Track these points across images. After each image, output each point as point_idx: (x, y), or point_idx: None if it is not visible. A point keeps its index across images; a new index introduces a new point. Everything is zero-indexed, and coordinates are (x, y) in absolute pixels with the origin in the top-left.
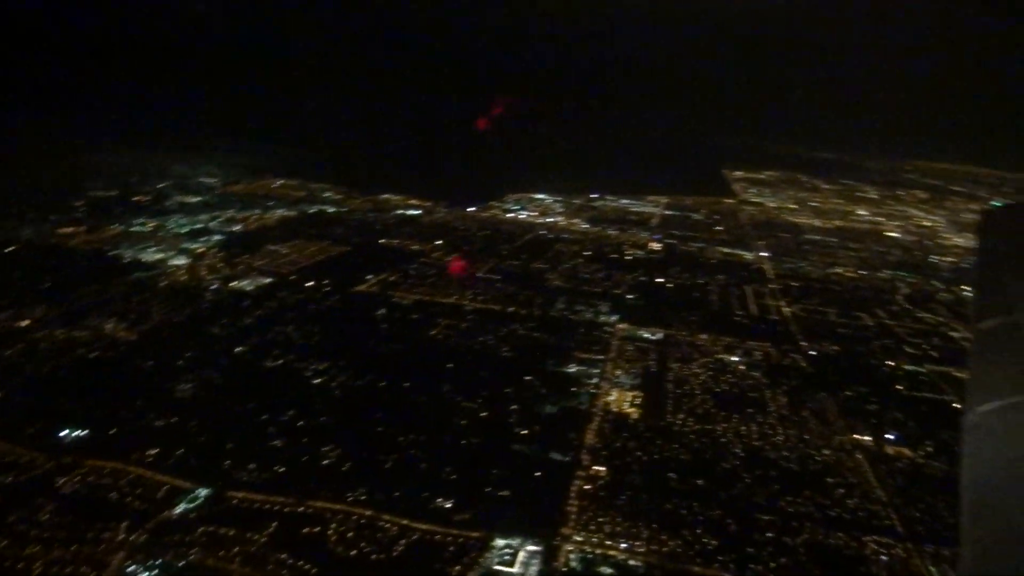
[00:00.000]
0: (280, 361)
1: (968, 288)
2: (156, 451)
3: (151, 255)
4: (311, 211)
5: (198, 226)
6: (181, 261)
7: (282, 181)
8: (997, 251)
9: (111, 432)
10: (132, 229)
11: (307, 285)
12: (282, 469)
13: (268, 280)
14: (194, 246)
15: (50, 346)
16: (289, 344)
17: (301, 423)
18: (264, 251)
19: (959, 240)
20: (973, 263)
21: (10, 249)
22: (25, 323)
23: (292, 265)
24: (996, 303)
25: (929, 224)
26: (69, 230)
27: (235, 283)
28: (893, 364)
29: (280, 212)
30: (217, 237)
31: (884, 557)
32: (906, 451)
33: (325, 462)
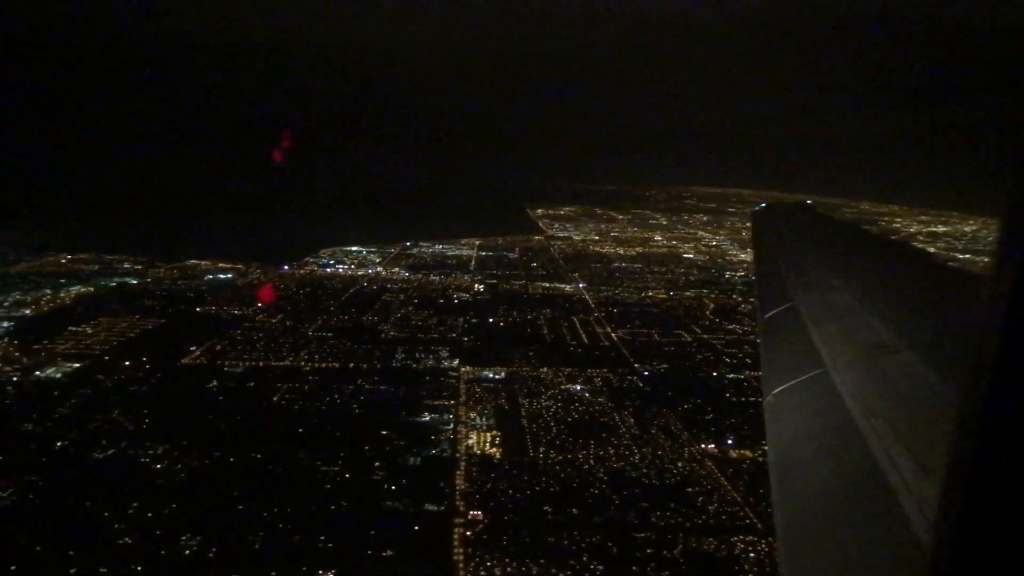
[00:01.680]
0: (111, 451)
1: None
2: None
3: None
4: (111, 285)
5: None
6: None
7: (70, 256)
8: (769, 246)
9: None
10: None
11: (125, 364)
12: (140, 568)
13: (77, 365)
14: None
15: None
16: (118, 430)
17: (150, 514)
18: (66, 334)
19: (744, 256)
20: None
21: None
22: None
23: (102, 345)
24: (777, 293)
25: (716, 244)
26: None
27: (38, 373)
28: (717, 374)
29: (76, 290)
30: (5, 325)
31: (752, 554)
32: (747, 452)
33: (187, 552)
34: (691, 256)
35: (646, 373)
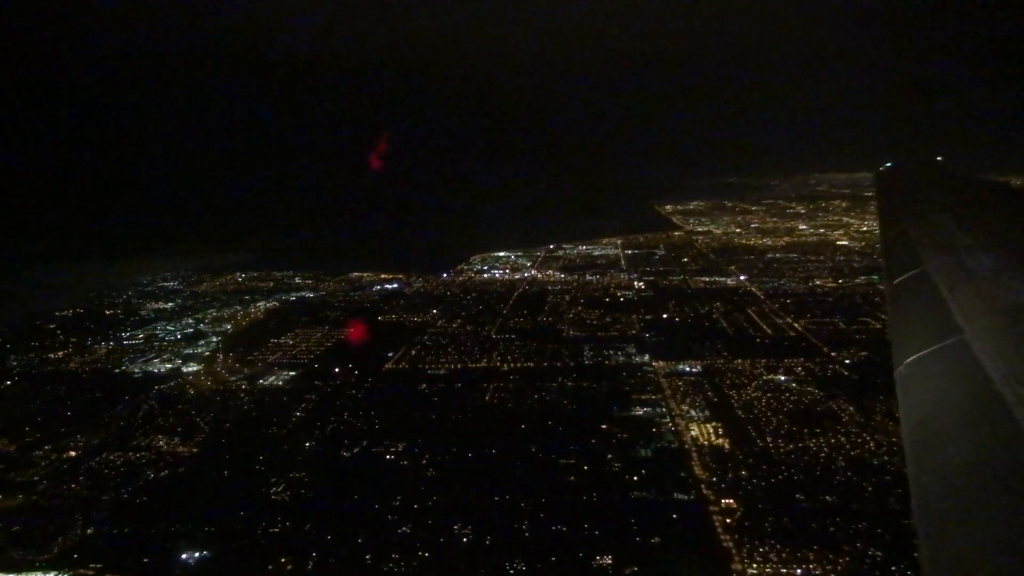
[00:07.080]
0: (356, 449)
1: None
2: (289, 557)
3: (160, 366)
4: (292, 299)
5: (188, 330)
6: (195, 367)
7: (244, 275)
8: (895, 208)
9: (233, 547)
10: (125, 344)
11: (335, 371)
12: (426, 554)
13: (293, 373)
14: (198, 350)
15: (113, 472)
16: (356, 431)
17: (416, 506)
18: (271, 345)
19: None
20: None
21: (8, 383)
22: (73, 454)
23: (308, 354)
24: (906, 257)
25: (867, 229)
26: (59, 354)
27: (263, 380)
28: None
29: (262, 305)
30: (215, 339)
31: None
32: None
33: (465, 540)
34: (846, 243)
35: (847, 361)
